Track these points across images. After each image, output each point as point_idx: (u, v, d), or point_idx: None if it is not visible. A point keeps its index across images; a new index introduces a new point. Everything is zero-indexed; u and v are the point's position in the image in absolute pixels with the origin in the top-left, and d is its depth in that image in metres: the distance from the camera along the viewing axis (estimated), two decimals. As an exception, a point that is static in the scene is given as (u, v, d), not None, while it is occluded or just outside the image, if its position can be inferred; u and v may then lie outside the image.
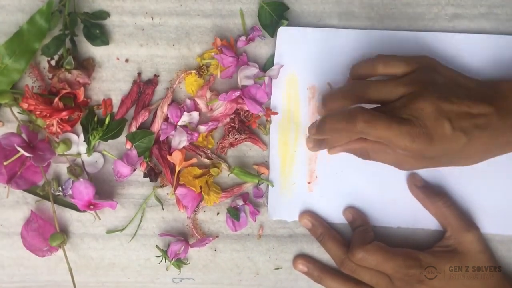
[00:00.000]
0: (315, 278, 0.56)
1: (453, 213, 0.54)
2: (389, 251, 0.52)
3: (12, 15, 0.56)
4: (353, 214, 0.56)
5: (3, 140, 0.51)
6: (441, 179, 0.56)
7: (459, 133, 0.47)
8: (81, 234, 0.57)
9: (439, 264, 0.52)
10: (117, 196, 0.57)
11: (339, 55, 0.56)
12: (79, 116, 0.55)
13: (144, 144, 0.55)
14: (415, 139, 0.46)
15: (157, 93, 0.57)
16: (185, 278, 0.58)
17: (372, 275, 0.53)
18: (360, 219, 0.55)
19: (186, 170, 0.56)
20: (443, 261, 0.52)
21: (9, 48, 0.54)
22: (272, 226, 0.57)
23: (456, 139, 0.47)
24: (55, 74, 0.54)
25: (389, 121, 0.46)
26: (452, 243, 0.53)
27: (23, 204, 0.57)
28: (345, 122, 0.47)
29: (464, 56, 0.55)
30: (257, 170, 0.56)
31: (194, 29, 0.56)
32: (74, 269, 0.56)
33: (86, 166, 0.56)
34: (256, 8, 0.56)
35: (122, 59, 0.56)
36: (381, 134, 0.46)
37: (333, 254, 0.55)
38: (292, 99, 0.56)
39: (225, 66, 0.54)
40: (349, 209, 0.56)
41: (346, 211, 0.56)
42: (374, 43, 0.55)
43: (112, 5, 0.56)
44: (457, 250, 0.53)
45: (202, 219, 0.57)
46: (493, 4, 0.56)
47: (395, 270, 0.51)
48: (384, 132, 0.46)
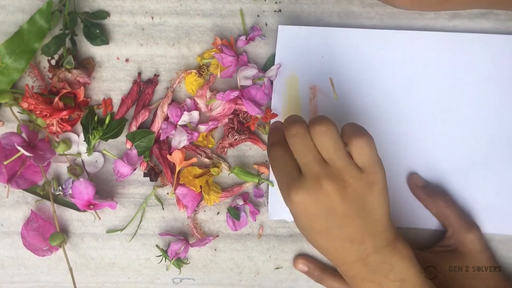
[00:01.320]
0: (315, 278, 0.56)
1: (454, 213, 0.54)
2: None
3: (12, 15, 0.56)
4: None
5: (3, 139, 0.51)
6: (442, 179, 0.56)
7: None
8: (81, 234, 0.57)
9: (440, 264, 0.52)
10: (117, 195, 0.57)
11: (340, 54, 0.56)
12: (79, 116, 0.55)
13: (144, 144, 0.55)
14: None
15: (157, 92, 0.57)
16: (185, 278, 0.58)
17: None
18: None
19: (186, 170, 0.56)
20: (444, 261, 0.52)
21: (9, 48, 0.54)
22: (272, 225, 0.57)
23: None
24: (55, 73, 0.54)
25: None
26: (453, 243, 0.53)
27: (23, 203, 0.57)
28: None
29: (464, 55, 0.55)
30: (257, 169, 0.56)
31: (194, 28, 0.56)
32: (74, 269, 0.56)
33: (86, 165, 0.56)
34: (256, 8, 0.56)
35: (122, 58, 0.56)
36: None
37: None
38: (293, 99, 0.56)
39: (225, 66, 0.54)
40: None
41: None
42: (374, 42, 0.55)
43: (112, 5, 0.56)
44: (457, 250, 0.53)
45: (202, 218, 0.57)
46: (493, 4, 0.56)
47: None
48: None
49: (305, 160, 0.44)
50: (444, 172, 0.55)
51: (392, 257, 0.45)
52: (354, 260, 0.45)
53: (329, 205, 0.44)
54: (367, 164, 0.44)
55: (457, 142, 0.55)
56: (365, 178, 0.44)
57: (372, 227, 0.45)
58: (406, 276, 0.45)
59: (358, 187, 0.44)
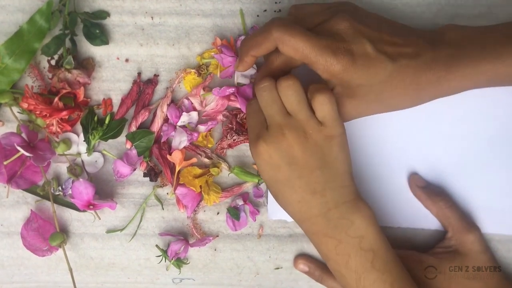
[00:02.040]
0: (316, 278, 0.56)
1: (455, 214, 0.54)
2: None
3: (12, 15, 0.56)
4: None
5: (3, 139, 0.51)
6: (442, 179, 0.56)
7: (383, 56, 0.45)
8: (81, 234, 0.57)
9: (441, 265, 0.52)
10: (117, 196, 0.57)
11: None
12: (79, 116, 0.55)
13: (144, 144, 0.55)
14: (336, 53, 0.45)
15: (157, 92, 0.57)
16: (185, 278, 0.58)
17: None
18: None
19: (186, 170, 0.56)
20: (445, 262, 0.52)
21: (9, 48, 0.54)
22: (272, 225, 0.57)
23: (380, 62, 0.45)
24: (55, 73, 0.54)
25: (307, 33, 0.45)
26: (454, 244, 0.53)
27: (23, 203, 0.57)
28: (262, 32, 0.46)
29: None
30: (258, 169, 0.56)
31: (194, 28, 0.56)
32: (74, 269, 0.56)
33: (86, 165, 0.56)
34: (256, 8, 0.56)
35: (122, 58, 0.56)
36: (298, 45, 0.45)
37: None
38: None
39: (225, 66, 0.54)
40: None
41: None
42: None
43: (112, 5, 0.56)
44: (458, 250, 0.53)
45: (202, 218, 0.57)
46: (493, 4, 0.56)
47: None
48: (302, 43, 0.45)
49: (270, 112, 0.47)
50: (445, 172, 0.55)
51: (353, 213, 0.47)
52: (317, 214, 0.47)
53: (291, 154, 0.46)
54: (327, 119, 0.46)
55: (457, 142, 0.55)
56: (324, 131, 0.46)
57: (332, 181, 0.47)
58: (365, 234, 0.46)
59: (318, 139, 0.46)
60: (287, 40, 0.45)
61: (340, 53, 0.45)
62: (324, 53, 0.45)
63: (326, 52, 0.45)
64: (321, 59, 0.45)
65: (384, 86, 0.46)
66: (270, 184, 0.48)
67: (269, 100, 0.47)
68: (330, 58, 0.45)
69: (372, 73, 0.46)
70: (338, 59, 0.45)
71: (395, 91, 0.47)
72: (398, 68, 0.46)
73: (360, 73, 0.45)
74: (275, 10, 0.56)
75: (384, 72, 0.46)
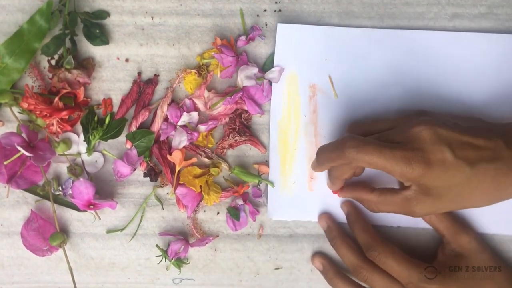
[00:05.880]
0: (328, 279, 0.56)
1: (447, 217, 0.54)
2: (407, 260, 0.51)
3: (12, 15, 0.56)
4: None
5: (3, 139, 0.51)
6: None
7: (461, 161, 0.44)
8: (81, 234, 0.57)
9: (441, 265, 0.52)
10: (117, 195, 0.57)
11: (340, 53, 0.56)
12: (79, 116, 0.55)
13: (144, 144, 0.55)
14: (411, 162, 0.44)
15: (157, 92, 0.57)
16: (185, 278, 0.58)
17: (385, 283, 0.52)
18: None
19: (186, 170, 0.56)
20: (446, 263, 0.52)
21: (9, 48, 0.54)
22: (272, 225, 0.57)
23: (458, 167, 0.44)
24: (55, 73, 0.54)
25: (380, 146, 0.45)
26: (455, 247, 0.53)
27: (23, 203, 0.57)
28: (336, 150, 0.47)
29: (464, 54, 0.55)
30: (258, 169, 0.56)
31: (194, 28, 0.56)
32: (74, 269, 0.56)
33: (86, 165, 0.56)
34: (256, 8, 0.56)
35: (122, 58, 0.56)
36: (372, 160, 0.45)
37: (346, 260, 0.54)
38: (292, 98, 0.56)
39: (225, 66, 0.54)
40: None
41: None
42: (374, 41, 0.55)
43: (112, 5, 0.56)
44: (459, 253, 0.53)
45: (202, 218, 0.57)
46: (493, 4, 0.56)
47: (409, 280, 0.51)
48: (376, 158, 0.45)
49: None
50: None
51: None
52: None
53: None
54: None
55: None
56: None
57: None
58: None
59: None
60: (360, 158, 0.45)
61: (414, 162, 0.44)
62: (399, 163, 0.44)
63: (402, 162, 0.44)
64: (397, 169, 0.45)
65: (462, 188, 0.46)
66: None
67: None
68: (405, 168, 0.44)
69: (449, 176, 0.45)
70: (413, 168, 0.44)
71: (475, 191, 0.46)
72: (477, 172, 0.45)
73: (436, 177, 0.45)
74: (275, 10, 0.56)
75: (462, 175, 0.45)
